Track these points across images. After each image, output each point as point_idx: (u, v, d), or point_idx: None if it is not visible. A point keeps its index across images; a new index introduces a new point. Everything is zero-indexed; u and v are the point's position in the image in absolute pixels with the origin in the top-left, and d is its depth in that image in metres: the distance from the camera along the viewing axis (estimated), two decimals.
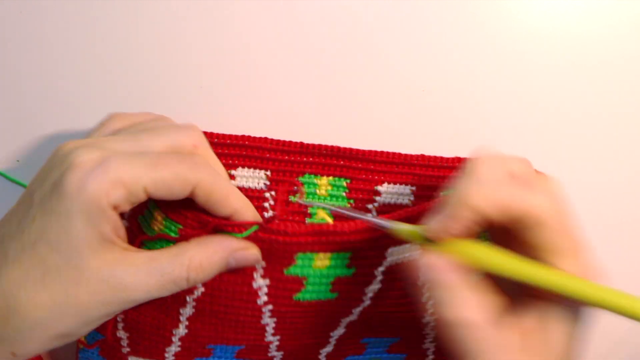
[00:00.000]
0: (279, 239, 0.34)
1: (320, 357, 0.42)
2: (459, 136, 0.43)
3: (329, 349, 0.42)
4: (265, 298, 0.37)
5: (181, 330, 0.39)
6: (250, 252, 0.34)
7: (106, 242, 0.30)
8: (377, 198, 0.41)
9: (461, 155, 0.42)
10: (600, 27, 0.42)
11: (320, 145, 0.40)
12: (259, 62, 0.43)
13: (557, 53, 0.42)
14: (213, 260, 0.32)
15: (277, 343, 0.40)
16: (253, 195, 0.41)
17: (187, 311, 0.38)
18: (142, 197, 0.30)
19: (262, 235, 0.34)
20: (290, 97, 0.43)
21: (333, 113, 0.43)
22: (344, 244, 0.35)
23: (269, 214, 0.41)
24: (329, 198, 0.41)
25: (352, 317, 0.40)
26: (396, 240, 0.36)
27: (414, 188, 0.41)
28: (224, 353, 0.40)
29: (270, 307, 0.37)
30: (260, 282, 0.36)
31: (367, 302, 0.39)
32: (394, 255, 0.37)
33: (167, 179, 0.30)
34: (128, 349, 0.40)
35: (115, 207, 0.30)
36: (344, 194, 0.41)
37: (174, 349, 0.40)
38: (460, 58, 0.42)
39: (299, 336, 0.40)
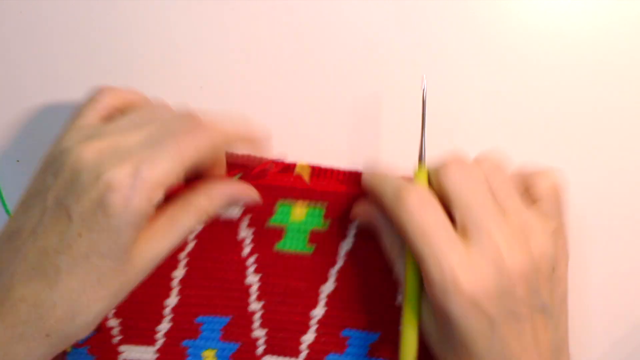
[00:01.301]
0: (261, 184, 0.40)
1: (302, 347, 0.42)
2: (459, 137, 0.43)
3: (310, 336, 0.43)
4: (249, 249, 0.41)
5: (172, 300, 0.42)
6: (245, 196, 0.39)
7: (145, 230, 0.34)
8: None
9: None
10: (601, 26, 0.42)
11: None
12: (258, 63, 0.43)
13: (558, 53, 0.42)
14: (218, 205, 0.37)
15: (261, 312, 0.42)
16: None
17: (179, 273, 0.41)
18: (176, 181, 0.34)
19: (246, 182, 0.39)
20: (289, 96, 0.43)
21: (333, 113, 0.43)
22: (321, 194, 0.41)
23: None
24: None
25: (330, 286, 0.42)
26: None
27: None
28: (211, 333, 0.43)
29: (254, 257, 0.42)
30: (245, 232, 0.41)
31: (342, 262, 0.42)
32: None
33: (192, 160, 0.33)
34: (120, 337, 0.42)
35: (156, 204, 0.33)
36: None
37: (164, 326, 0.42)
38: (460, 58, 0.42)
39: (281, 308, 0.42)
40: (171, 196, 0.36)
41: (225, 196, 0.38)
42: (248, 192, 0.39)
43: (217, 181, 0.38)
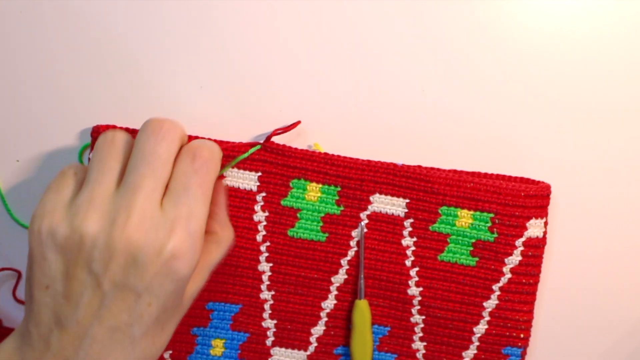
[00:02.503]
0: (275, 161, 0.41)
1: (311, 338, 0.43)
2: (459, 137, 0.43)
3: (320, 328, 0.42)
4: (263, 232, 0.41)
5: None
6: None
7: None
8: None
9: (458, 164, 0.43)
10: (602, 26, 0.42)
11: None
12: (258, 63, 0.43)
13: (558, 53, 0.43)
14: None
15: (271, 302, 0.42)
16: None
17: None
18: None
19: (263, 155, 0.41)
20: (289, 96, 0.43)
21: (332, 112, 0.43)
22: (334, 177, 0.41)
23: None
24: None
25: (340, 278, 0.42)
26: (381, 187, 0.41)
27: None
28: (221, 321, 0.42)
29: (267, 244, 0.42)
30: (260, 215, 0.41)
31: (353, 252, 0.42)
32: (377, 202, 0.41)
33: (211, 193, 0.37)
34: None
35: None
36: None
37: None
38: (460, 58, 0.43)
39: (291, 298, 0.42)
40: None
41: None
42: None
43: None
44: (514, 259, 0.41)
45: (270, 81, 0.43)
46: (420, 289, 0.41)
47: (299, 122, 0.42)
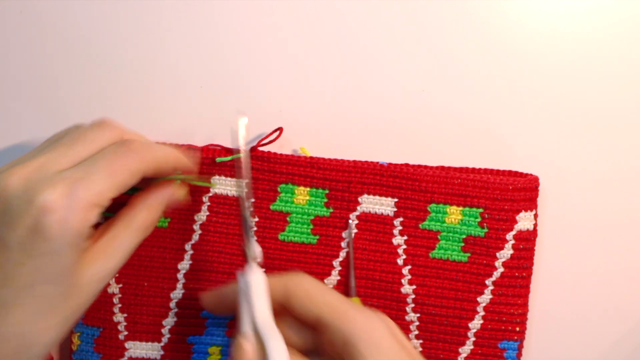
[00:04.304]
0: (262, 167, 0.41)
1: None
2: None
3: None
4: (254, 238, 0.41)
5: (178, 293, 0.42)
6: (177, 196, 0.38)
7: (86, 251, 0.33)
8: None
9: (446, 160, 0.43)
10: (601, 27, 0.43)
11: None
12: (258, 62, 0.43)
13: (558, 53, 0.43)
14: (157, 215, 0.37)
15: None
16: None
17: (185, 265, 0.42)
18: (109, 203, 0.33)
19: (250, 162, 0.41)
20: (288, 97, 0.43)
21: (332, 113, 0.43)
22: (321, 180, 0.41)
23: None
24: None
25: (333, 279, 0.42)
26: (368, 188, 0.41)
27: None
28: (217, 328, 0.42)
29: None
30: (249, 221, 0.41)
31: (344, 253, 0.42)
32: (366, 203, 0.41)
33: (125, 180, 0.33)
34: (126, 333, 0.42)
35: (93, 224, 0.33)
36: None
37: (170, 321, 0.42)
38: (460, 58, 0.43)
39: None
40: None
41: (162, 202, 0.37)
42: (180, 190, 0.38)
43: (151, 189, 0.37)
44: (506, 252, 0.41)
45: (269, 81, 0.43)
46: (414, 286, 0.41)
47: (281, 129, 0.42)
